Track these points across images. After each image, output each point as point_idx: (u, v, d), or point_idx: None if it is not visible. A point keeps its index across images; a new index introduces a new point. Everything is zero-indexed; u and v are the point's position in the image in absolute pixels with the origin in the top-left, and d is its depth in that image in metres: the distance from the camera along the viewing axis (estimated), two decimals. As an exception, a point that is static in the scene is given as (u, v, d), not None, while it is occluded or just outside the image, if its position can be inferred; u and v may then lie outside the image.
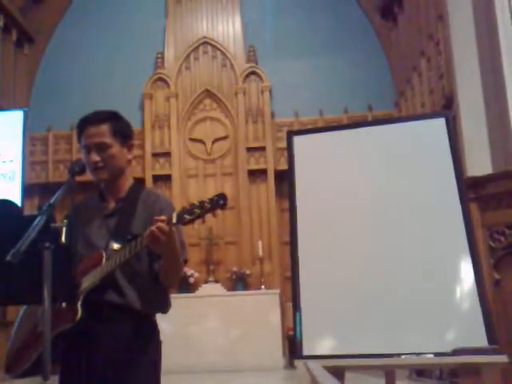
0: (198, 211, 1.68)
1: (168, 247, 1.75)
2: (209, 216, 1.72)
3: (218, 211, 1.70)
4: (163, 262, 1.81)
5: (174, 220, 1.69)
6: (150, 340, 1.88)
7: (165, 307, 1.94)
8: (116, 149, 1.91)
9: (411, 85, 6.61)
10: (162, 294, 1.92)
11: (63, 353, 1.78)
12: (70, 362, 1.79)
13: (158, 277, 1.86)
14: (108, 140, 1.90)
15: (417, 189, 2.47)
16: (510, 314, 2.54)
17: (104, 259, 1.82)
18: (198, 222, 1.70)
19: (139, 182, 2.11)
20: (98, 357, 1.78)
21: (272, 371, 6.04)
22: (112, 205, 1.96)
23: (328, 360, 2.13)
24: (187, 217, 1.68)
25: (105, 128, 1.91)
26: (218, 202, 1.69)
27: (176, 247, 1.79)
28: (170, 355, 6.16)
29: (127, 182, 1.99)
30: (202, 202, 1.69)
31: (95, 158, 1.89)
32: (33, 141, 8.09)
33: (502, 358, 2.00)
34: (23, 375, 1.80)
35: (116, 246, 1.83)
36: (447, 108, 4.46)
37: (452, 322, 2.19)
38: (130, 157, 1.98)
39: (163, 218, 1.70)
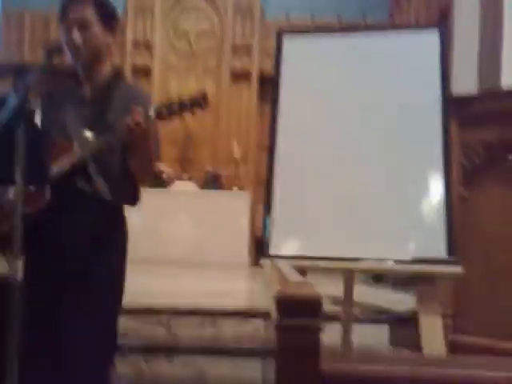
0: (176, 108, 1.65)
1: (142, 141, 1.71)
2: (188, 115, 1.69)
3: (198, 111, 1.67)
4: (136, 155, 1.78)
5: (151, 113, 1.64)
6: (117, 230, 1.90)
7: (134, 200, 1.94)
8: (98, 29, 1.85)
9: (408, -4, 6.38)
10: (132, 187, 1.91)
11: (28, 236, 1.79)
12: (35, 246, 1.79)
13: (130, 170, 1.84)
14: (91, 18, 1.83)
15: (400, 99, 2.46)
16: (469, 229, 2.64)
17: (76, 146, 1.78)
18: (175, 119, 1.68)
19: (119, 71, 2.03)
20: (63, 240, 1.79)
21: (237, 268, 6.29)
22: (88, 91, 1.90)
23: (292, 260, 2.21)
24: (165, 112, 1.65)
25: (89, 7, 1.84)
26: (199, 102, 1.66)
27: (150, 143, 1.75)
28: (140, 246, 6.33)
29: (105, 69, 1.92)
30: (182, 100, 1.66)
31: (75, 35, 1.81)
32: (8, 18, 7.66)
33: (458, 269, 2.10)
34: None
35: (89, 135, 1.79)
36: (442, 23, 4.34)
37: (416, 233, 2.27)
38: (111, 41, 1.91)
39: (140, 109, 1.66)
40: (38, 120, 1.56)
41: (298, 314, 0.87)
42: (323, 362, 0.87)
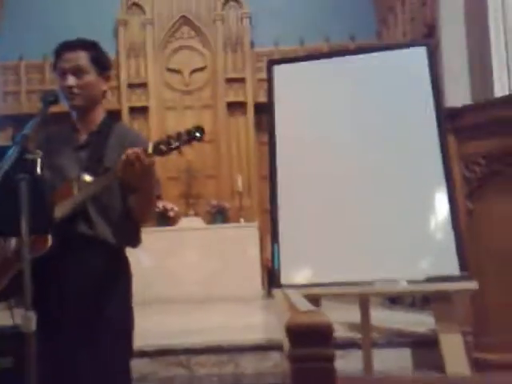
0: (174, 142, 1.66)
1: (143, 178, 1.72)
2: (188, 150, 1.71)
3: (196, 143, 1.69)
4: (137, 196, 1.80)
5: (150, 150, 1.66)
6: (120, 272, 1.89)
7: (135, 241, 1.93)
8: (92, 76, 1.88)
9: (394, 13, 6.47)
10: (133, 229, 1.91)
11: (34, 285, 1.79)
12: (41, 294, 1.80)
13: (131, 212, 1.84)
14: (85, 65, 1.86)
15: (395, 119, 2.46)
16: (481, 243, 2.61)
17: (75, 190, 1.79)
18: (175, 154, 1.69)
19: (112, 115, 2.07)
20: (69, 287, 1.79)
21: (251, 301, 6.22)
22: (84, 137, 1.92)
23: (304, 288, 2.18)
24: (163, 148, 1.66)
25: (83, 54, 1.88)
26: (195, 134, 1.67)
27: (151, 180, 1.77)
28: (151, 286, 6.33)
29: (100, 115, 1.95)
30: (179, 134, 1.67)
31: (71, 82, 1.84)
32: (4, 70, 7.81)
33: (472, 285, 2.07)
34: None
35: (88, 178, 1.80)
36: (429, 37, 4.38)
37: (426, 251, 2.25)
38: (105, 88, 1.94)
39: (137, 149, 1.67)
40: (38, 169, 1.57)
41: (309, 342, 0.85)
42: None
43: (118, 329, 1.82)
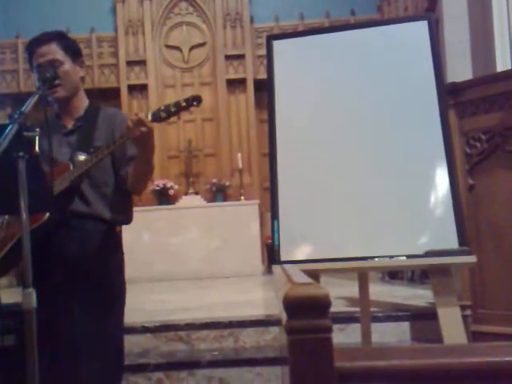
0: (173, 109, 1.73)
1: (147, 144, 1.78)
2: (188, 128, 1.74)
3: (196, 122, 1.72)
4: (138, 162, 1.84)
5: (150, 118, 1.72)
6: (115, 248, 1.97)
7: (128, 218, 2.02)
8: (69, 65, 1.94)
9: (395, -12, 6.38)
10: (126, 206, 1.99)
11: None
12: (41, 264, 1.83)
13: (126, 183, 1.90)
14: (60, 57, 1.92)
15: (396, 93, 2.45)
16: (480, 218, 2.62)
17: (71, 167, 1.85)
18: (174, 125, 1.73)
19: (95, 103, 2.13)
20: (68, 259, 1.85)
21: (251, 277, 6.28)
22: (69, 122, 1.99)
23: (304, 264, 2.19)
24: (163, 114, 1.73)
25: (55, 45, 1.93)
26: (193, 102, 1.75)
27: (153, 146, 1.82)
28: (153, 264, 6.38)
29: (83, 101, 2.02)
30: (177, 102, 1.74)
31: None
32: (2, 49, 7.75)
33: (471, 259, 2.08)
34: None
35: (82, 157, 1.86)
36: (430, 12, 4.33)
37: (425, 226, 2.25)
38: (82, 74, 2.01)
39: (140, 114, 1.73)
40: (37, 147, 1.57)
41: (306, 313, 0.86)
42: (337, 361, 0.86)
43: (114, 292, 1.91)
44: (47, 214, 1.76)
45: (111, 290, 1.90)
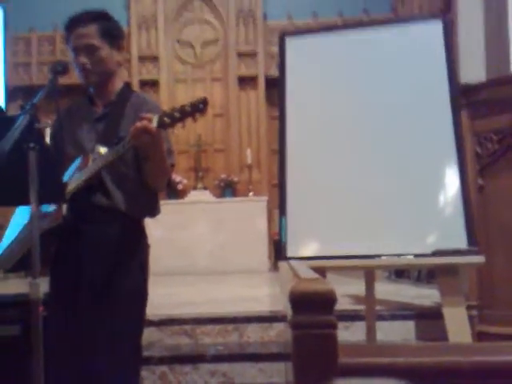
0: (177, 115, 1.68)
1: (153, 149, 1.74)
2: (198, 124, 1.72)
3: (205, 117, 1.71)
4: (150, 165, 1.81)
5: (155, 124, 1.68)
6: (137, 242, 1.90)
7: (152, 211, 1.95)
8: (105, 51, 1.87)
9: (409, -13, 6.35)
10: (149, 198, 1.93)
11: (53, 253, 1.83)
12: (59, 261, 1.84)
13: (146, 180, 1.86)
14: (96, 42, 1.85)
15: (409, 93, 2.44)
16: (490, 219, 2.60)
17: (90, 161, 1.81)
18: (179, 126, 1.71)
19: (129, 85, 2.07)
20: (86, 253, 1.82)
21: (258, 273, 6.29)
22: (101, 108, 1.93)
23: (310, 261, 2.19)
24: (167, 120, 1.68)
25: (93, 29, 1.85)
26: (199, 107, 1.69)
27: (162, 150, 1.78)
28: (161, 258, 6.38)
29: (117, 85, 1.95)
30: (182, 106, 1.69)
31: (83, 60, 1.84)
32: (15, 42, 7.79)
33: (480, 259, 2.07)
34: (12, 270, 1.86)
35: (102, 149, 1.81)
36: (445, 12, 4.30)
37: (434, 225, 2.25)
38: (120, 58, 1.92)
39: (149, 115, 1.69)
40: (47, 138, 1.57)
41: (311, 309, 0.86)
42: (341, 357, 0.86)
43: (133, 294, 1.85)
44: (64, 212, 1.74)
45: (130, 285, 1.84)
